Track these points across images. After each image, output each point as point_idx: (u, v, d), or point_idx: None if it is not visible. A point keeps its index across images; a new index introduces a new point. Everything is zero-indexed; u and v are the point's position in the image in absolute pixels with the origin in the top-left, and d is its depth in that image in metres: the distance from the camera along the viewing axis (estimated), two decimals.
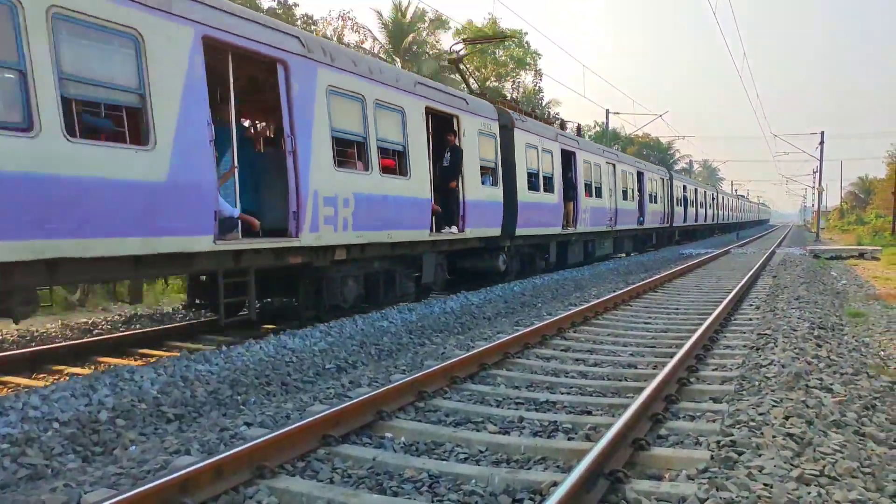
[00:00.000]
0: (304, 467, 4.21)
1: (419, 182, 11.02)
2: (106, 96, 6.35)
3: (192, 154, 7.00)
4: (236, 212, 8.11)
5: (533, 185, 15.52)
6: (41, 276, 6.02)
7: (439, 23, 37.62)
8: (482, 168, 13.27)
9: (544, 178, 16.20)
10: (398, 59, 34.31)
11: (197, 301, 9.79)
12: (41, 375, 7.34)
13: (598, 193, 20.77)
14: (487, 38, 33.58)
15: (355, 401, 4.97)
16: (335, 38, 31.42)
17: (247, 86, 8.65)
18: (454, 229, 12.29)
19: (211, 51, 7.33)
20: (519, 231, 14.63)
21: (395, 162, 10.60)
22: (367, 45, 34.62)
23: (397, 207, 10.35)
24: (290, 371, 6.72)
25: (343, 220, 9.15)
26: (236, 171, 8.35)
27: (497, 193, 13.82)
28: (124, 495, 3.30)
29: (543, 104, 43.84)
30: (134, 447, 4.75)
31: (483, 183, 13.24)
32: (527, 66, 42.12)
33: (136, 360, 7.95)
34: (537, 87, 44.10)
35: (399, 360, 7.41)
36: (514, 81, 42.74)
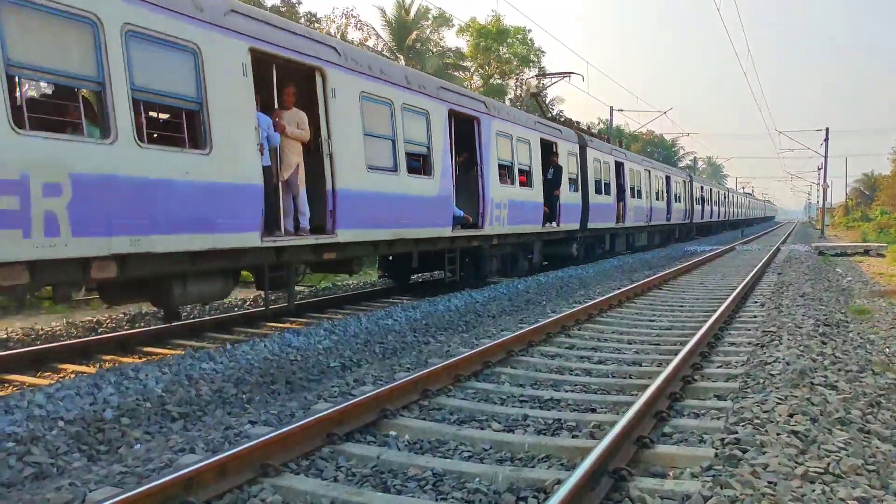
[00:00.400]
0: (308, 466, 4.22)
1: (537, 191, 15.37)
2: (417, 150, 11.03)
3: (446, 179, 11.61)
4: (461, 212, 12.30)
5: (598, 190, 20.04)
6: (385, 249, 10.65)
7: (442, 20, 37.55)
8: (569, 179, 17.64)
9: (605, 184, 20.82)
10: (401, 57, 34.28)
11: (385, 274, 14.66)
12: (46, 374, 7.35)
13: (639, 195, 24.98)
14: (555, 74, 36.65)
15: (359, 399, 4.98)
16: (339, 36, 31.38)
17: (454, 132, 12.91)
18: (554, 224, 16.53)
19: (449, 117, 11.95)
20: (589, 225, 19.15)
21: (525, 177, 14.87)
22: (370, 43, 34.59)
23: (526, 209, 14.75)
24: (295, 369, 6.73)
25: (502, 217, 13.49)
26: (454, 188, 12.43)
27: (578, 197, 18.34)
28: (129, 494, 3.31)
29: (546, 101, 43.79)
30: (139, 445, 4.77)
31: (570, 189, 17.67)
32: (530, 64, 42.02)
33: (140, 358, 7.97)
34: (541, 84, 44.02)
35: (403, 358, 7.41)
36: (517, 78, 42.68)
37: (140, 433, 5.00)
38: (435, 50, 37.63)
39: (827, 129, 48.01)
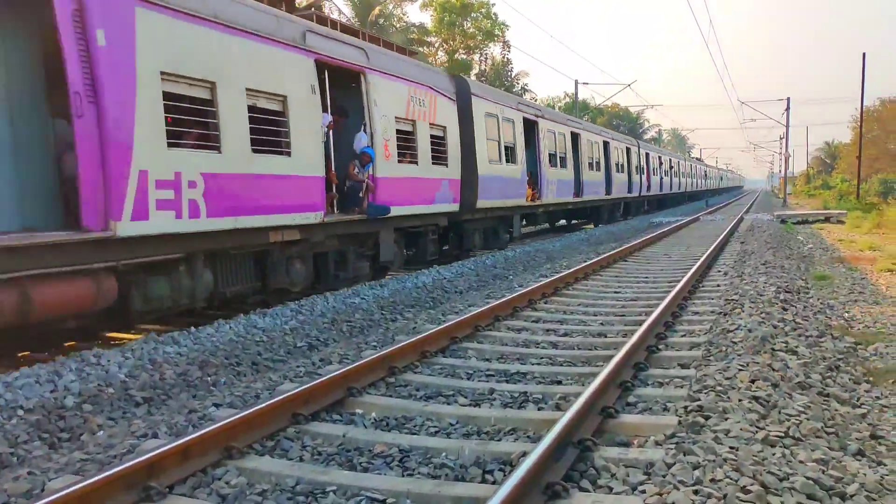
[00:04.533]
0: (273, 446, 4.19)
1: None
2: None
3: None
4: None
5: (618, 169, 27.75)
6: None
7: None
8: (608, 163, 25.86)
9: (623, 165, 28.40)
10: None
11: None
12: (3, 362, 7.18)
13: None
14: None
15: (325, 378, 4.95)
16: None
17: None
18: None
19: None
20: (612, 195, 26.06)
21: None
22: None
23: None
24: (261, 350, 6.67)
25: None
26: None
27: (602, 175, 25.46)
28: (89, 481, 3.25)
29: (512, 76, 43.66)
30: (101, 432, 4.69)
31: (593, 169, 24.42)
32: (495, 38, 41.82)
33: (102, 344, 7.82)
34: (506, 59, 43.87)
35: (370, 336, 7.38)
36: (482, 53, 42.46)
37: (103, 419, 4.91)
38: (398, 26, 37.21)
39: (788, 99, 48.75)
